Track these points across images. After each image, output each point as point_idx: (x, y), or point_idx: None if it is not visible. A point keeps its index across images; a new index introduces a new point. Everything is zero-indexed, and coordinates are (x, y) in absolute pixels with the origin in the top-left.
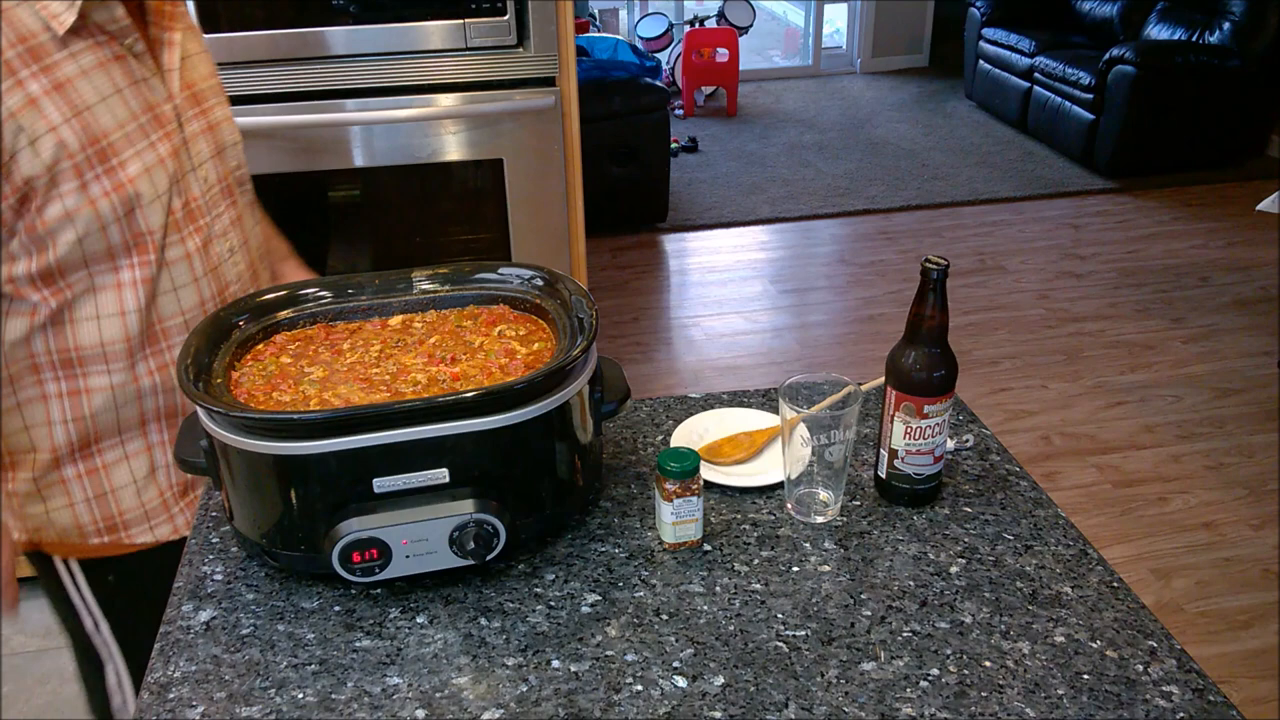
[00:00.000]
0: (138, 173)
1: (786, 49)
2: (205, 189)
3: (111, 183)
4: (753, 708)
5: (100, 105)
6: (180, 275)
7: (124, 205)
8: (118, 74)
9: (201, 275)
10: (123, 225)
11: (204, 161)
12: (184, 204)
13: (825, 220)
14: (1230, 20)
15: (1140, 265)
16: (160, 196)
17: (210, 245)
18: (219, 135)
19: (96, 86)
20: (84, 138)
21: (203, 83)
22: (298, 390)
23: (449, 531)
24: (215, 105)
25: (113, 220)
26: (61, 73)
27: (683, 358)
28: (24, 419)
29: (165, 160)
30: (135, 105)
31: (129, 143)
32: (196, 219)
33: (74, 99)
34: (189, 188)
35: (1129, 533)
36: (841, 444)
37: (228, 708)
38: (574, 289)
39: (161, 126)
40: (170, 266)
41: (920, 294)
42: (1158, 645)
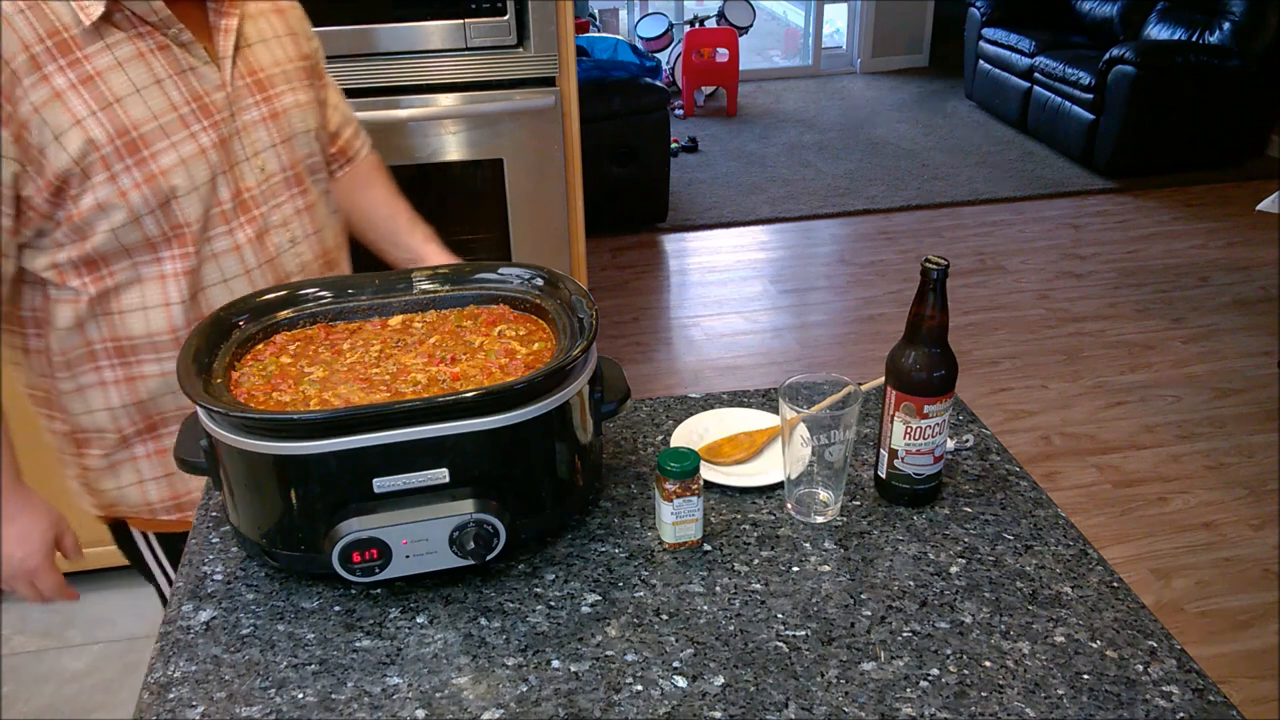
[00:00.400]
0: (171, 165)
1: (786, 49)
2: (263, 179)
3: (143, 174)
4: (753, 708)
5: (133, 97)
6: (230, 267)
7: (157, 197)
8: (159, 64)
9: (255, 267)
10: (158, 217)
11: (263, 150)
12: (234, 194)
13: (825, 220)
14: (1230, 20)
15: (1140, 265)
16: (198, 189)
17: (266, 236)
18: (284, 123)
19: (132, 78)
20: (112, 130)
21: (273, 68)
22: (298, 390)
23: (449, 531)
24: (284, 91)
25: (146, 212)
26: (92, 65)
27: (683, 358)
28: (87, 402)
29: (207, 151)
30: (177, 96)
31: (164, 134)
32: (250, 209)
33: (104, 91)
34: (241, 178)
35: (1129, 533)
36: (841, 444)
37: (228, 708)
38: (574, 289)
39: (208, 116)
40: (219, 258)
41: (920, 294)
42: (1158, 645)
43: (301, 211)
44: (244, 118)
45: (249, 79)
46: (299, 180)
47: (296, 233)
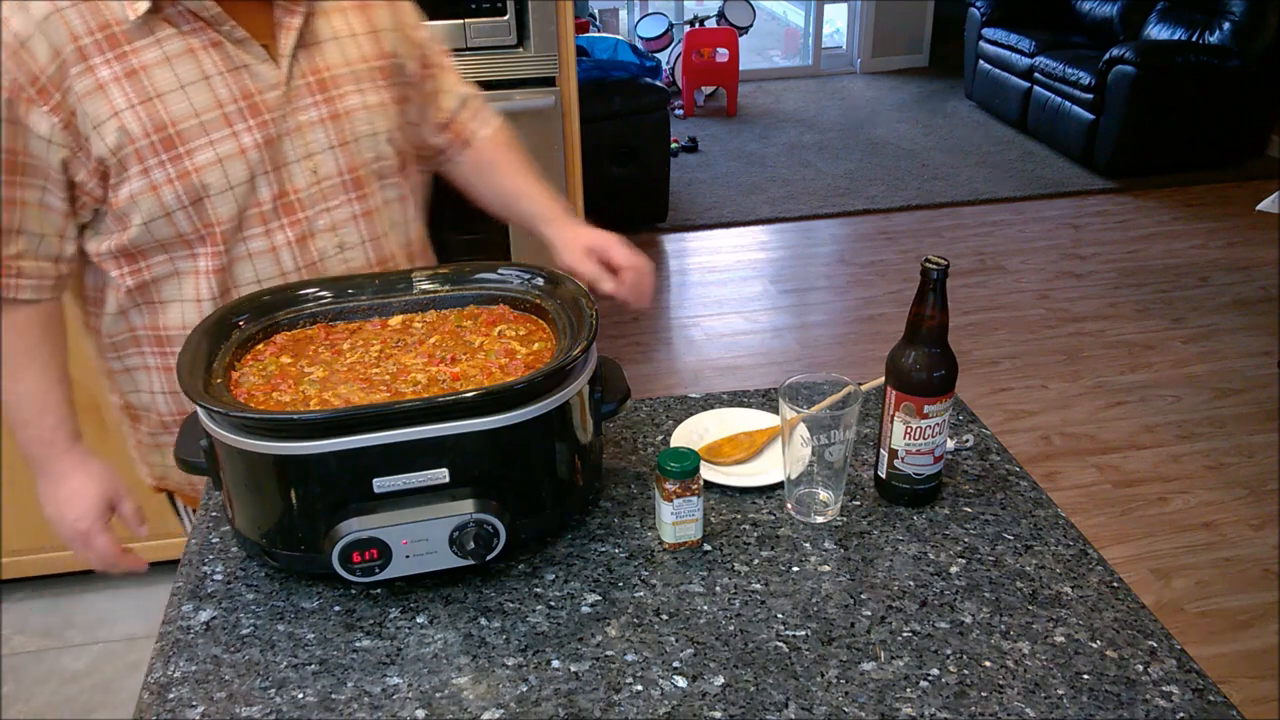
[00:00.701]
0: (206, 163)
1: (786, 49)
2: (314, 181)
3: (176, 170)
4: (753, 708)
5: (175, 93)
6: (265, 268)
7: (189, 194)
8: (209, 61)
9: (293, 270)
10: (190, 214)
11: (318, 152)
12: (276, 196)
13: (825, 220)
14: (1230, 20)
15: (1140, 265)
16: (233, 188)
17: (310, 240)
18: (346, 125)
19: (178, 73)
20: (149, 124)
21: (340, 68)
22: (298, 390)
23: (449, 531)
24: (349, 93)
25: (178, 208)
26: (138, 59)
27: (683, 358)
28: (134, 383)
29: (247, 151)
30: (225, 93)
31: (203, 132)
32: (294, 212)
33: (145, 86)
34: (289, 179)
35: (1129, 533)
36: (841, 444)
37: (228, 708)
38: (574, 289)
39: (256, 115)
40: (254, 259)
41: (920, 294)
42: (1158, 645)
43: (357, 217)
44: (300, 118)
45: (311, 78)
46: (358, 185)
47: (347, 238)
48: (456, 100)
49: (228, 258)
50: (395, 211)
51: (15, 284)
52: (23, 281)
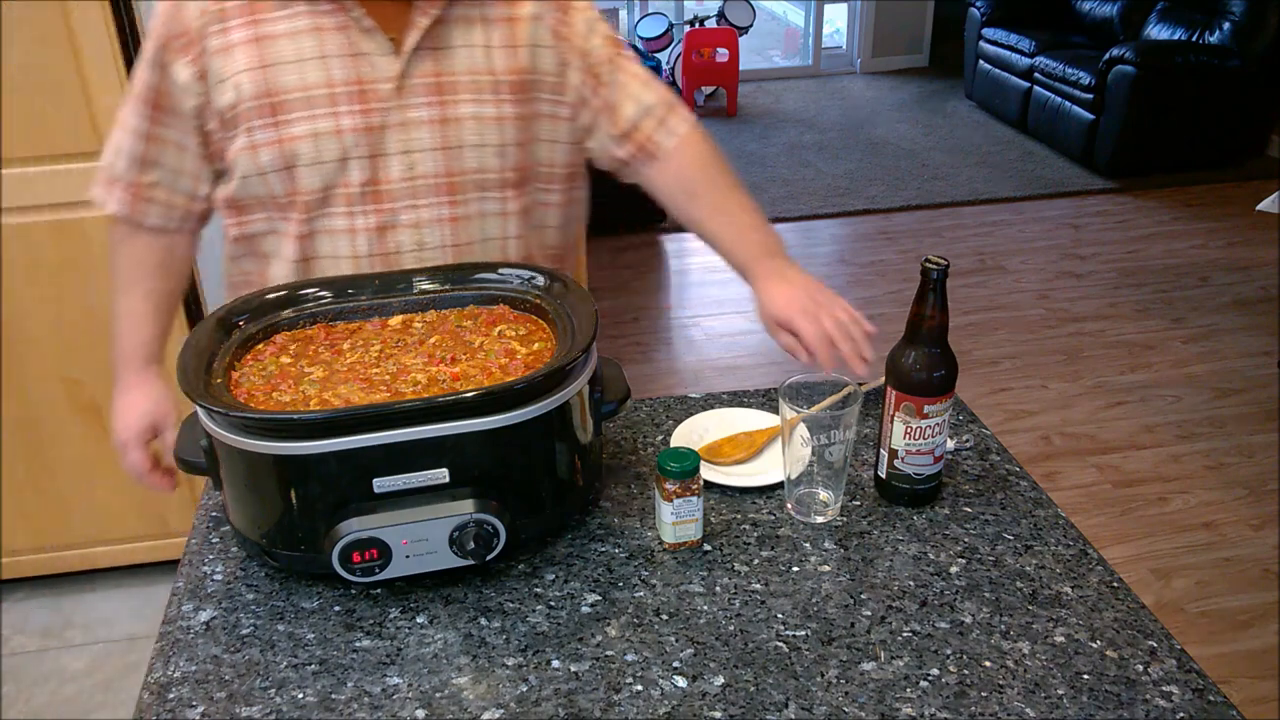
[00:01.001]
0: (301, 135)
1: (786, 49)
2: (408, 176)
3: (275, 136)
4: (753, 708)
5: (292, 65)
6: (341, 246)
7: (282, 160)
8: (331, 42)
9: (364, 255)
10: (282, 178)
11: (418, 150)
12: (366, 181)
13: (825, 220)
14: (1230, 20)
15: (1140, 265)
16: (321, 164)
17: (389, 232)
18: (453, 131)
19: (299, 48)
20: (260, 89)
21: (463, 75)
22: (298, 390)
23: (449, 531)
24: (465, 101)
25: (270, 170)
26: (269, 28)
27: (683, 358)
28: None
29: (343, 133)
30: (339, 74)
31: (307, 106)
32: (381, 201)
33: (267, 53)
34: (383, 169)
35: (1129, 533)
36: (841, 444)
37: (228, 708)
38: (574, 289)
39: (363, 101)
40: (333, 235)
41: (920, 294)
42: (1158, 645)
43: (443, 221)
44: (409, 114)
45: (430, 79)
46: (452, 190)
47: (428, 239)
48: (638, 109)
49: (309, 227)
50: (492, 225)
51: (144, 208)
52: (151, 208)
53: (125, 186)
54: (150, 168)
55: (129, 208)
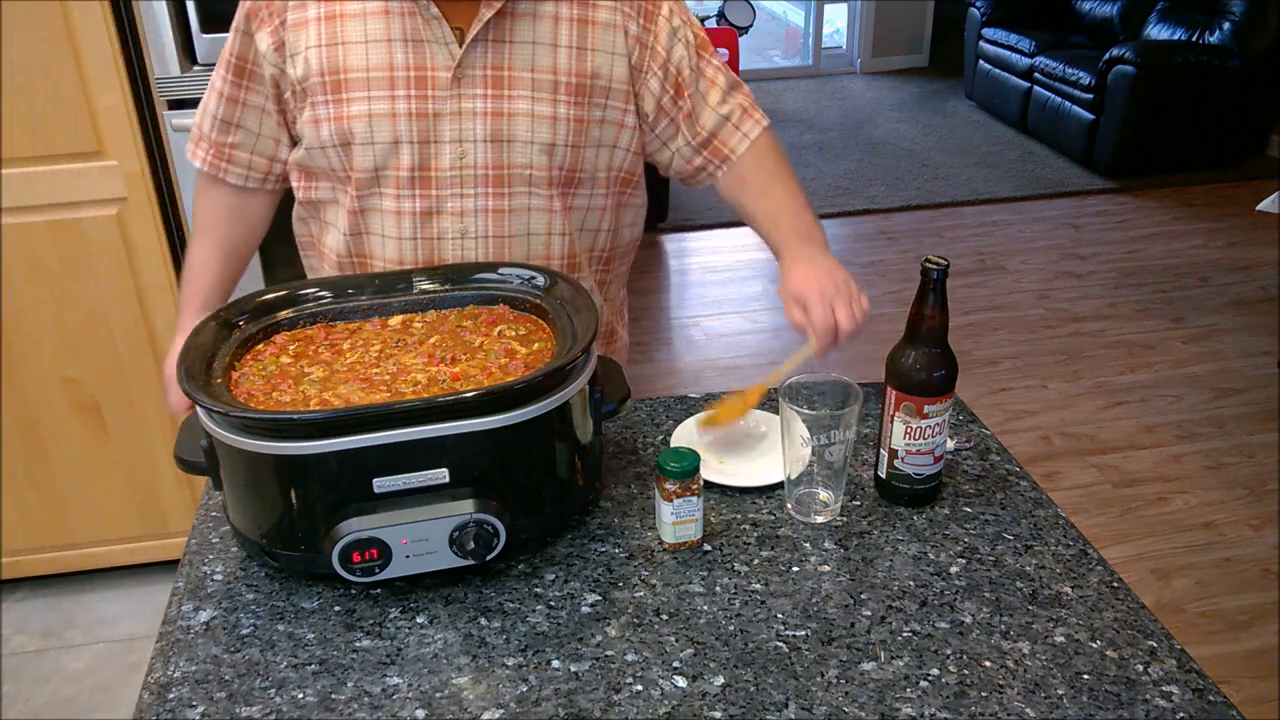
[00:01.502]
0: (358, 114)
1: (786, 49)
2: (457, 165)
3: (335, 112)
4: (753, 708)
5: (358, 45)
6: (388, 226)
7: (339, 137)
8: (398, 27)
9: (408, 237)
10: (340, 154)
11: (470, 141)
12: (416, 166)
13: (825, 220)
14: (1230, 20)
15: (1140, 265)
16: (374, 145)
17: (435, 218)
18: (504, 125)
19: (368, 29)
20: (326, 65)
21: (521, 71)
22: (298, 390)
23: (449, 531)
24: (520, 97)
25: (331, 145)
26: (341, 7)
27: (683, 358)
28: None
29: (398, 117)
30: (401, 59)
31: (366, 86)
32: (428, 186)
33: (337, 32)
34: (435, 156)
35: (1129, 533)
36: (841, 444)
37: (228, 708)
38: (574, 289)
39: (421, 88)
40: (382, 214)
41: (920, 294)
42: (1158, 645)
43: (487, 212)
44: (464, 104)
45: (488, 72)
46: (499, 182)
47: (470, 228)
48: (716, 119)
49: (361, 204)
50: (537, 221)
51: (225, 167)
52: (231, 167)
53: (209, 145)
54: (233, 129)
55: (211, 165)
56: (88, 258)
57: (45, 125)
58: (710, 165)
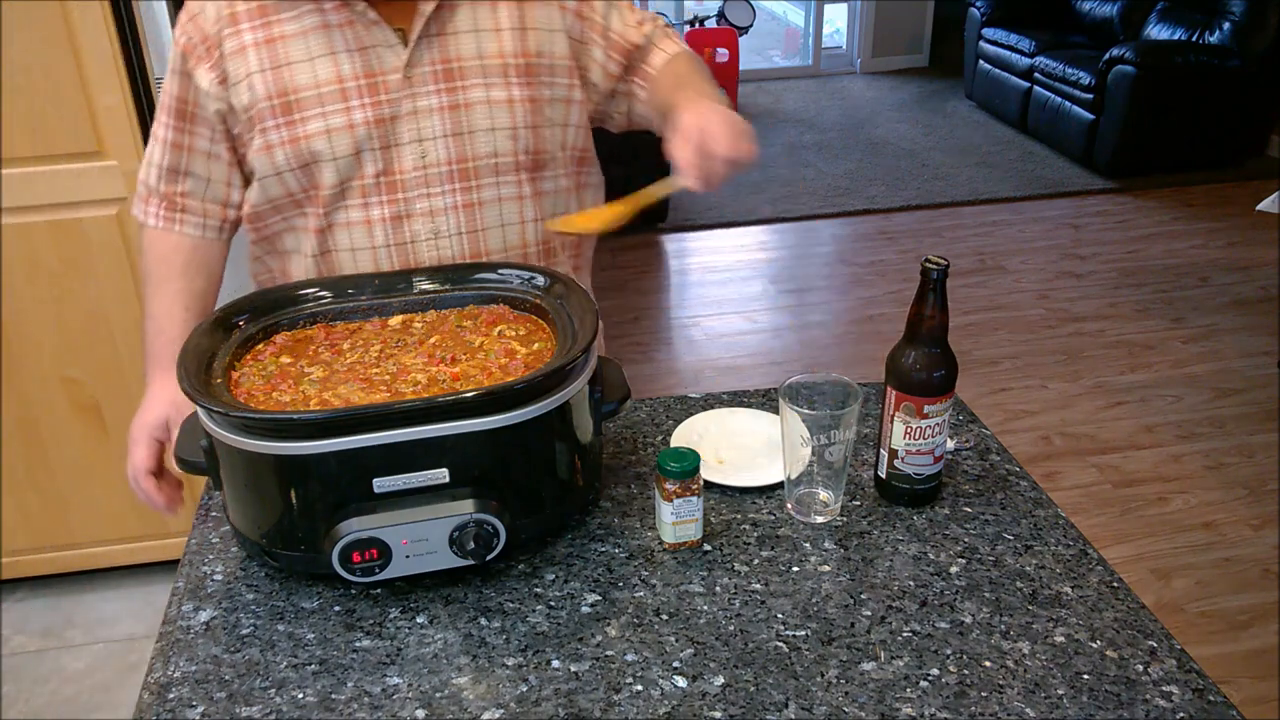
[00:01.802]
0: (315, 132)
1: (786, 49)
2: (420, 165)
3: (289, 135)
4: (753, 708)
5: (303, 64)
6: (359, 239)
7: (298, 159)
8: (340, 38)
9: (382, 245)
10: (298, 176)
11: (430, 138)
12: (380, 173)
13: (825, 220)
14: (1230, 20)
15: (1140, 265)
16: (336, 160)
17: (405, 221)
18: (463, 116)
19: (310, 46)
20: (273, 89)
21: (470, 60)
22: (298, 390)
23: (449, 531)
24: (474, 86)
25: (287, 169)
26: (279, 29)
27: (683, 358)
28: None
29: (356, 126)
30: (348, 69)
31: (319, 103)
32: (395, 191)
33: (279, 54)
34: (397, 159)
35: (1129, 533)
36: (841, 444)
37: (228, 708)
38: (574, 289)
39: (374, 94)
40: (350, 228)
41: (920, 294)
42: (1158, 645)
43: (457, 208)
44: (419, 103)
45: (438, 66)
46: (465, 176)
47: (442, 226)
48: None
49: (327, 221)
50: (509, 210)
51: (179, 218)
52: (186, 217)
53: (159, 199)
54: (181, 177)
55: (165, 220)
56: (88, 258)
57: (45, 125)
58: (624, 102)
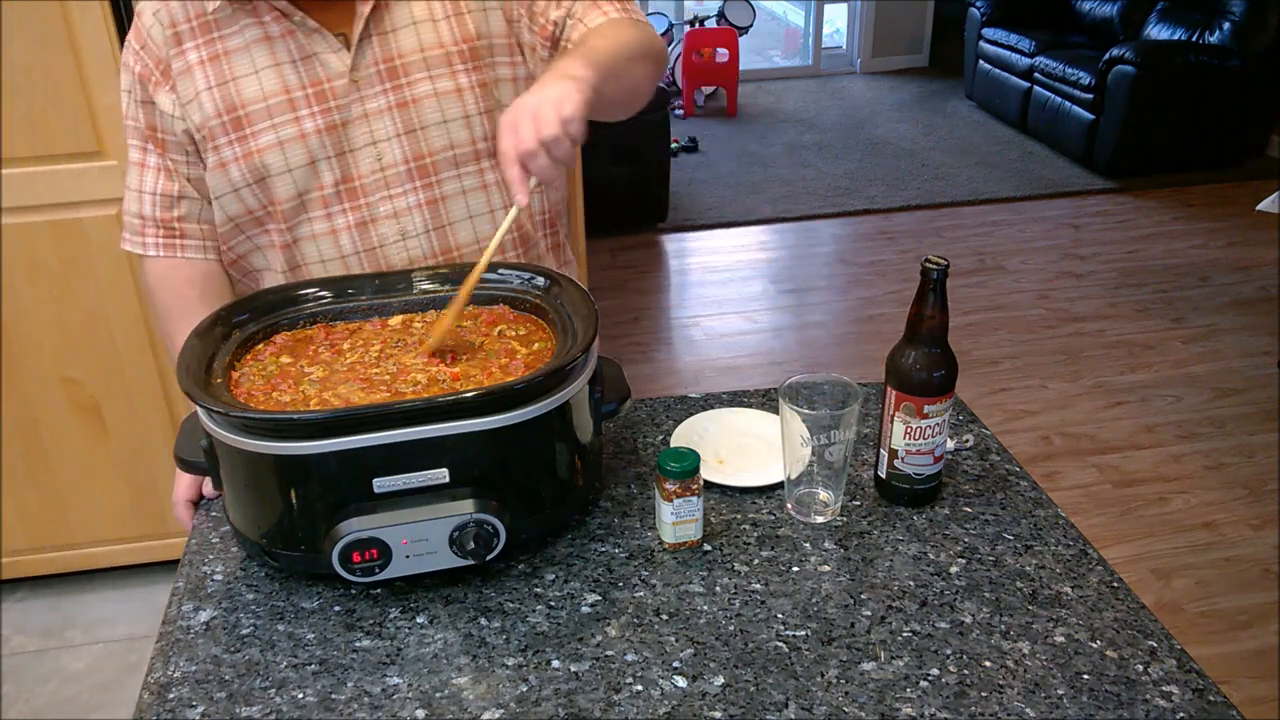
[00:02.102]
0: (268, 145)
1: (786, 49)
2: (377, 168)
3: (242, 150)
4: (753, 708)
5: (249, 78)
6: (327, 249)
7: (253, 174)
8: (282, 49)
9: (351, 253)
10: (255, 191)
11: (383, 140)
12: (339, 180)
13: (825, 220)
14: (1230, 20)
15: (1140, 265)
16: (291, 171)
17: (371, 226)
18: (412, 113)
19: (255, 59)
20: (222, 105)
21: (412, 55)
22: (298, 390)
23: (449, 531)
24: (419, 80)
25: (243, 185)
26: (223, 45)
27: (683, 358)
28: None
29: (308, 136)
30: (294, 79)
31: (268, 115)
32: (356, 197)
33: (224, 70)
34: (354, 165)
35: (1129, 533)
36: (841, 444)
37: (228, 708)
38: (574, 289)
39: (322, 102)
40: (317, 239)
41: (920, 294)
42: (1158, 645)
43: (421, 206)
44: (368, 105)
45: (381, 66)
46: (424, 173)
47: (409, 227)
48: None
49: (292, 235)
50: (475, 201)
51: (180, 244)
52: (186, 242)
53: (156, 227)
54: (178, 202)
55: (165, 248)
56: (88, 258)
57: (45, 125)
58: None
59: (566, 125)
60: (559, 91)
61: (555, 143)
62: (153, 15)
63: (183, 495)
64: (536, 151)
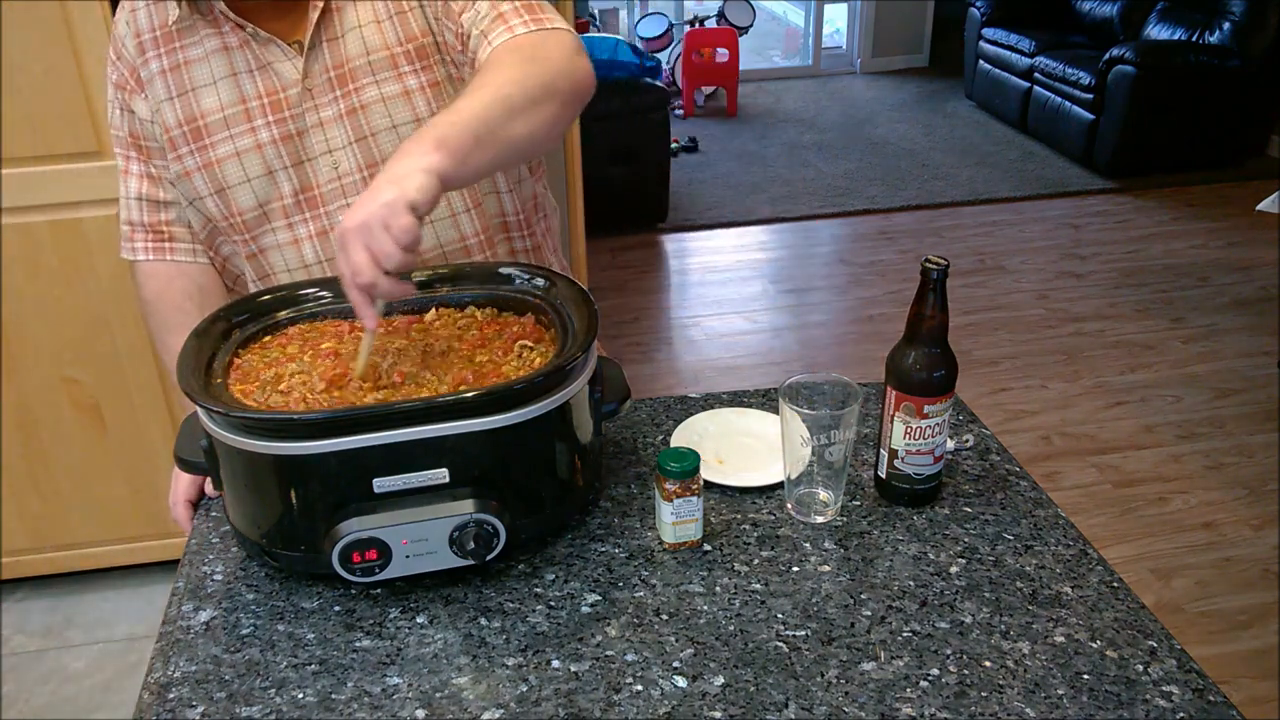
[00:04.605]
0: (225, 155)
1: (786, 49)
2: (334, 177)
3: (202, 160)
4: (753, 708)
5: (208, 88)
6: (291, 259)
7: (213, 184)
8: (240, 59)
9: (314, 263)
10: (217, 202)
11: (338, 149)
12: (298, 190)
13: (825, 220)
14: (1230, 20)
15: (1140, 265)
16: (249, 182)
17: (331, 235)
18: (360, 120)
19: (212, 69)
20: (182, 116)
21: (357, 59)
22: (297, 390)
23: (449, 531)
24: (366, 85)
25: (206, 195)
26: (184, 55)
27: (683, 358)
28: None
29: (264, 146)
30: (250, 89)
31: (225, 126)
32: (316, 206)
33: (184, 80)
34: (312, 174)
35: (1129, 533)
36: (841, 444)
37: (228, 708)
38: (574, 289)
39: (277, 111)
40: (282, 249)
41: (920, 294)
42: (1158, 645)
43: None
44: (322, 114)
45: (331, 73)
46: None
47: None
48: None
49: (257, 245)
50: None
51: (168, 246)
52: (175, 245)
53: (145, 231)
54: (163, 206)
55: (155, 250)
56: (88, 258)
57: (45, 125)
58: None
59: (400, 240)
60: (390, 203)
61: (394, 263)
62: (125, 24)
63: (181, 496)
64: (375, 282)
